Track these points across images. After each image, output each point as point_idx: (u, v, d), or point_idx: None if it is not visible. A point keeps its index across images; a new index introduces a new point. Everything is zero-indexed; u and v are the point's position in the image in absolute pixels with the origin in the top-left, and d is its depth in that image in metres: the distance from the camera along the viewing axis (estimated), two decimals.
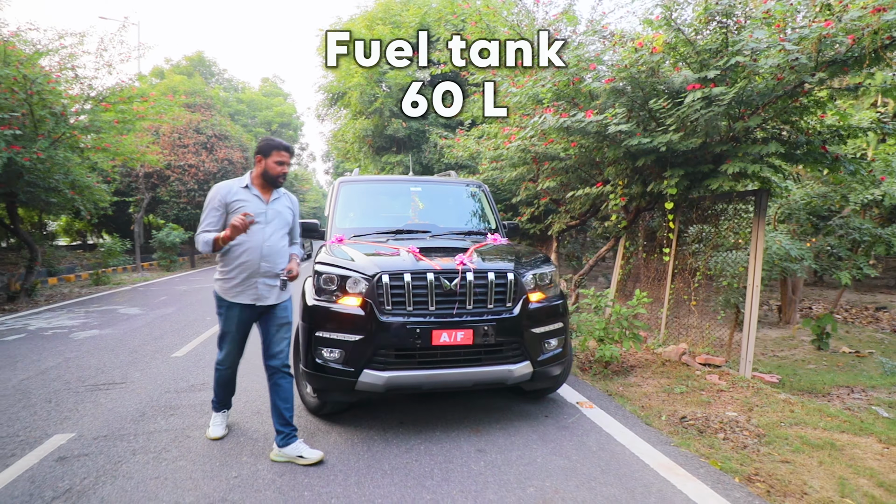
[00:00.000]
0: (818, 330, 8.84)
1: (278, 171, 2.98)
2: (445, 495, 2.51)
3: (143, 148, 12.32)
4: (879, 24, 3.26)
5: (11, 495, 2.53)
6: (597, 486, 2.62)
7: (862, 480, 2.90)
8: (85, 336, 6.41)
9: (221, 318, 3.04)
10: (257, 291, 2.95)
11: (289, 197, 3.19)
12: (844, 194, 9.54)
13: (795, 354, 8.96)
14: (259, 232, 2.92)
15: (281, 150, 2.97)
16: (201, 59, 27.69)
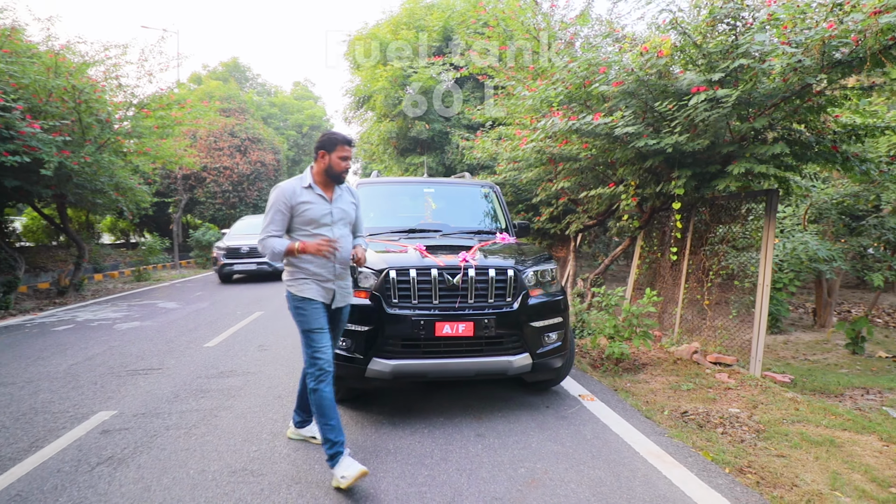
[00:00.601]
0: (852, 334, 8.61)
1: (343, 166, 2.84)
2: (442, 472, 2.73)
3: (180, 151, 12.99)
4: (878, 27, 3.30)
5: (63, 460, 2.89)
6: (585, 469, 2.79)
7: (855, 475, 2.96)
8: (127, 327, 6.91)
9: (304, 318, 2.80)
10: (332, 295, 2.87)
11: (350, 191, 3.04)
12: (878, 193, 9.26)
13: (828, 358, 8.77)
14: (328, 233, 2.82)
15: (345, 144, 2.83)
16: (236, 64, 28.75)
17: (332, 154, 2.82)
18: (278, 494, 2.52)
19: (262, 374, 4.63)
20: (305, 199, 2.79)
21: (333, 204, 2.88)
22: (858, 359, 8.22)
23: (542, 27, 7.14)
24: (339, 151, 2.81)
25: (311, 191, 2.83)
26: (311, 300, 2.79)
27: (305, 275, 2.80)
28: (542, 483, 2.64)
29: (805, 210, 10.29)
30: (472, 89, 12.42)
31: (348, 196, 3.00)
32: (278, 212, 2.77)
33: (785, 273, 7.80)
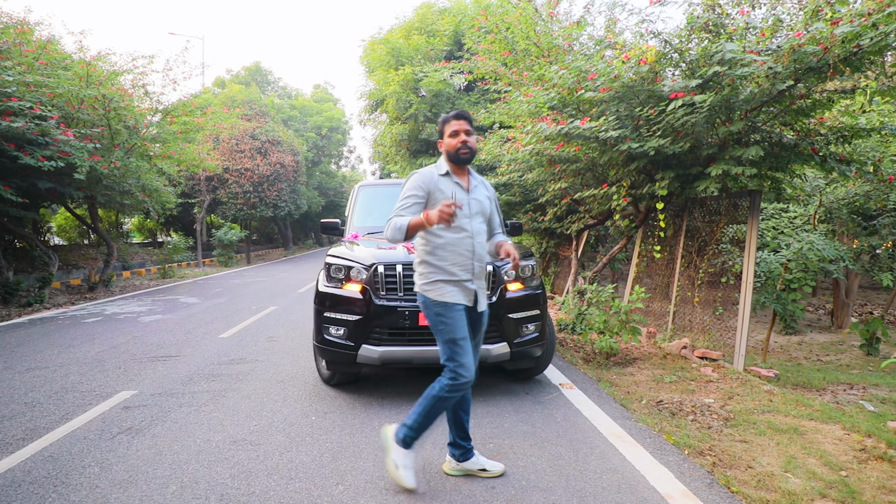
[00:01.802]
0: (867, 335, 8.62)
1: (455, 144, 2.49)
2: (417, 445, 3.04)
3: (203, 155, 13.61)
4: (837, 38, 3.48)
5: (89, 429, 3.30)
6: (548, 446, 3.06)
7: (811, 460, 3.15)
8: (150, 320, 7.41)
9: (447, 326, 2.48)
10: (474, 296, 2.58)
11: (485, 184, 2.75)
12: (888, 193, 9.22)
13: (842, 359, 8.80)
14: (467, 226, 2.51)
15: (450, 120, 2.52)
16: (258, 68, 29.60)
17: (443, 137, 2.55)
18: (271, 459, 2.86)
19: (269, 361, 5.01)
20: (443, 187, 2.50)
21: (470, 194, 2.57)
22: (872, 360, 8.23)
23: (541, 32, 7.38)
24: (447, 130, 2.52)
25: (449, 178, 2.54)
26: (454, 304, 2.47)
27: (442, 276, 2.49)
28: (506, 456, 2.92)
29: (814, 210, 10.27)
30: (482, 92, 12.69)
31: (483, 189, 2.69)
32: (413, 196, 2.49)
33: (794, 273, 7.88)
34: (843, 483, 2.75)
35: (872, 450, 3.19)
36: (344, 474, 2.69)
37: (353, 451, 2.97)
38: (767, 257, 7.74)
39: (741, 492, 2.65)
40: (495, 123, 9.07)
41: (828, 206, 9.73)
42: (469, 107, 12.64)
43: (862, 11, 3.79)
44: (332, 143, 32.90)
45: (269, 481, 2.61)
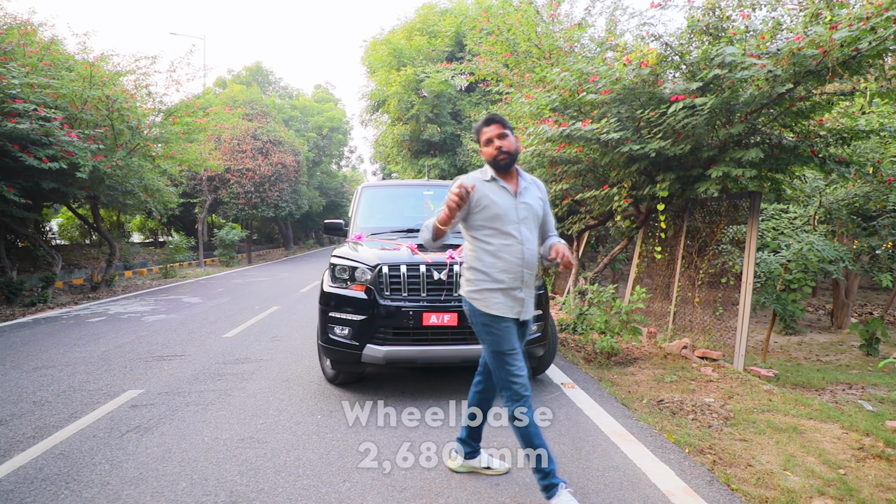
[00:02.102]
0: (866, 335, 8.67)
1: (492, 152, 2.41)
2: (420, 443, 3.09)
3: (205, 155, 13.65)
4: (836, 42, 3.53)
5: (97, 428, 3.35)
6: (551, 445, 3.06)
7: (810, 458, 3.20)
8: (154, 319, 7.46)
9: (494, 338, 2.40)
10: (522, 305, 2.45)
11: (537, 185, 2.61)
12: (887, 194, 9.27)
13: (841, 359, 8.85)
14: (515, 232, 2.39)
15: (482, 127, 2.46)
16: (259, 68, 29.64)
17: (481, 145, 2.46)
18: (278, 457, 2.91)
19: (273, 361, 5.06)
20: (487, 192, 2.40)
21: (519, 198, 2.45)
22: (872, 360, 8.27)
23: (543, 34, 7.43)
24: (481, 138, 2.45)
25: (495, 183, 2.43)
26: (502, 318, 2.39)
27: (489, 283, 2.39)
28: (510, 454, 2.97)
29: (814, 210, 10.32)
30: (484, 93, 12.73)
31: (535, 190, 2.56)
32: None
33: (794, 274, 7.92)
34: (842, 481, 2.80)
35: (870, 448, 3.24)
36: (351, 472, 2.74)
37: (358, 450, 3.01)
38: (767, 258, 7.78)
39: (741, 489, 2.69)
40: None
41: (827, 207, 9.77)
42: (470, 108, 12.70)
43: (860, 15, 3.84)
44: (333, 144, 32.95)
45: (277, 478, 2.66)
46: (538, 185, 2.62)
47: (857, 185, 9.25)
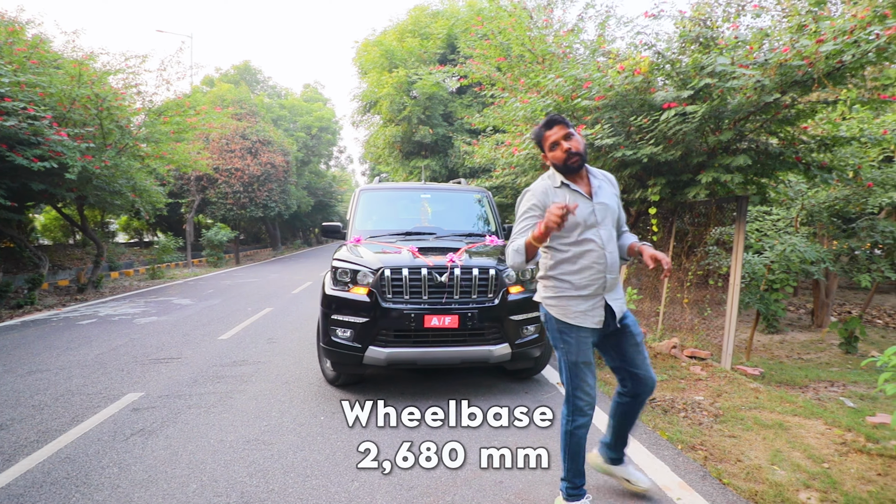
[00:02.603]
0: (845, 334, 8.95)
1: (559, 155, 2.27)
2: (421, 443, 3.16)
3: (195, 155, 13.54)
4: (822, 54, 3.68)
5: (101, 431, 3.37)
6: (550, 443, 3.19)
7: (795, 453, 3.34)
8: (146, 321, 7.42)
9: (568, 347, 2.31)
10: (604, 314, 2.31)
11: (609, 180, 2.45)
12: (866, 197, 9.59)
13: (821, 357, 9.11)
14: (594, 236, 2.27)
15: (543, 131, 2.32)
16: (248, 67, 29.40)
17: (545, 151, 2.35)
18: (285, 458, 2.96)
19: (271, 363, 5.09)
20: (560, 199, 2.28)
21: (595, 199, 2.32)
22: (851, 358, 8.54)
23: (535, 38, 7.54)
24: (545, 143, 2.32)
25: (566, 189, 2.32)
26: (580, 328, 2.29)
27: (570, 290, 2.29)
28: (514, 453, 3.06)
29: (797, 213, 10.60)
30: (475, 95, 12.83)
31: (609, 187, 2.41)
32: (529, 216, 2.29)
33: (777, 274, 8.15)
34: (826, 475, 2.94)
35: (852, 443, 3.39)
36: (358, 472, 2.81)
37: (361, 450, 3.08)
38: (751, 259, 7.99)
39: (732, 483, 2.81)
40: (489, 127, 9.23)
41: (809, 210, 10.05)
42: (462, 109, 12.78)
43: (844, 28, 4.00)
44: (322, 143, 32.79)
45: (287, 479, 2.72)
46: (610, 180, 2.45)
47: (838, 189, 9.52)
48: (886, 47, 3.70)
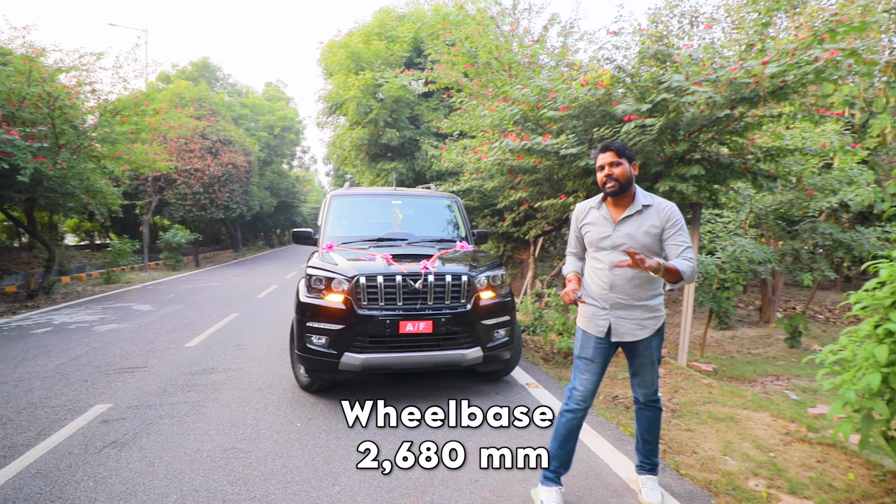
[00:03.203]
0: (790, 329, 9.57)
1: (601, 178, 2.52)
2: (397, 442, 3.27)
3: (153, 156, 13.09)
4: (767, 75, 4.00)
5: (72, 444, 3.30)
6: (522, 442, 3.37)
7: (745, 444, 3.62)
8: (105, 329, 7.18)
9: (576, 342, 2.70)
10: (606, 327, 2.54)
11: (658, 212, 2.50)
12: (808, 201, 10.29)
13: (769, 352, 9.70)
14: (604, 258, 2.53)
15: (597, 154, 2.56)
16: (206, 64, 28.53)
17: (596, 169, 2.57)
18: (265, 465, 3.00)
19: (242, 370, 5.06)
20: (590, 220, 2.60)
21: (618, 226, 2.51)
22: (795, 352, 9.15)
23: (502, 47, 7.74)
24: (596, 164, 2.56)
25: (598, 211, 2.58)
26: (583, 329, 2.65)
27: (585, 296, 2.61)
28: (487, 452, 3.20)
29: (745, 216, 11.24)
30: (441, 98, 12.96)
31: (648, 219, 2.50)
32: (572, 232, 2.75)
33: (728, 274, 8.62)
34: (772, 463, 3.21)
35: (795, 433, 3.70)
36: (338, 475, 2.88)
37: (342, 454, 3.16)
38: (704, 259, 8.45)
39: (688, 474, 3.04)
40: (457, 132, 9.38)
41: (757, 213, 10.69)
42: (428, 113, 12.88)
43: (787, 50, 4.35)
44: (285, 143, 32.18)
45: (268, 486, 2.76)
46: (658, 213, 2.50)
47: (782, 193, 10.16)
48: (824, 69, 4.05)
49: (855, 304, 2.79)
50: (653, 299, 2.55)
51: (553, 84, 5.52)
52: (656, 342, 2.60)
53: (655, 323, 2.56)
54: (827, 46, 4.22)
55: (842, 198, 10.24)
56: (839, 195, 10.08)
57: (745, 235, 10.45)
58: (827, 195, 10.14)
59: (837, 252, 10.88)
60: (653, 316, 2.55)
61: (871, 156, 12.95)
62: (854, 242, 10.10)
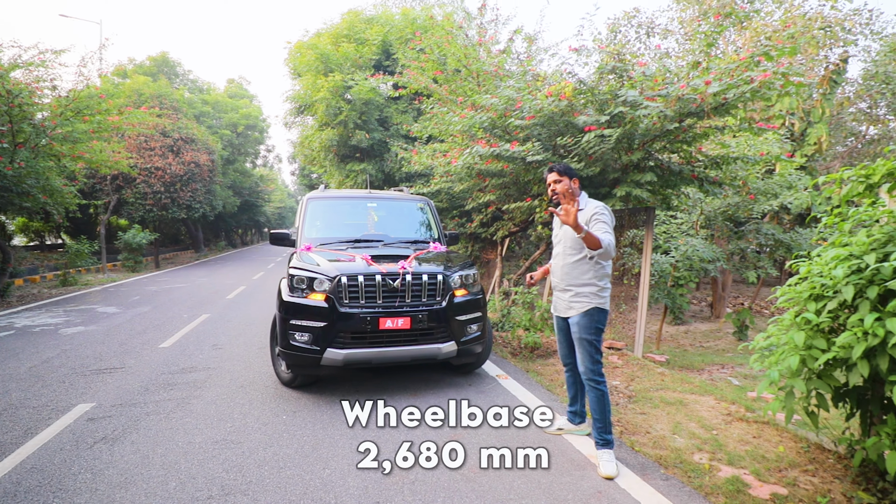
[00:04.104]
0: (738, 323, 10.31)
1: (549, 193, 3.32)
2: (384, 433, 3.52)
3: (115, 155, 12.75)
4: (709, 93, 4.47)
5: (61, 441, 3.40)
6: (497, 429, 3.68)
7: (692, 424, 4.04)
8: (73, 332, 7.09)
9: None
10: (554, 302, 3.44)
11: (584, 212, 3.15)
12: (753, 205, 11.10)
13: (719, 345, 10.40)
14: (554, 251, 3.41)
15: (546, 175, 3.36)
16: (166, 59, 27.66)
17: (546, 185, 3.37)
18: (256, 454, 3.20)
19: (222, 369, 5.18)
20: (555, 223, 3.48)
21: (563, 226, 3.30)
22: (742, 344, 9.84)
23: (471, 55, 8.06)
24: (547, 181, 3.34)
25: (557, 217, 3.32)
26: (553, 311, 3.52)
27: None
28: (460, 436, 3.50)
29: (696, 217, 11.99)
30: (409, 101, 13.20)
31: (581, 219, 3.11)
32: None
33: (681, 272, 9.24)
34: (714, 439, 3.64)
35: (735, 414, 4.16)
36: (328, 460, 3.12)
37: (329, 442, 3.39)
38: (659, 259, 9.03)
39: (642, 451, 3.43)
40: (426, 136, 9.65)
41: (707, 215, 11.44)
42: (397, 115, 13.09)
43: (728, 70, 4.84)
44: (249, 142, 31.61)
45: (262, 471, 2.97)
46: (586, 213, 3.14)
47: (727, 197, 10.93)
48: (759, 89, 4.54)
49: (781, 297, 3.22)
50: (582, 287, 3.19)
51: (520, 94, 5.88)
52: (583, 323, 3.19)
53: (581, 307, 3.19)
54: (764, 67, 4.73)
55: (783, 201, 11.12)
56: (780, 199, 10.94)
57: (696, 236, 11.18)
58: (769, 199, 10.99)
59: (779, 251, 11.79)
60: (579, 301, 3.19)
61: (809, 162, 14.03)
62: (794, 242, 10.99)
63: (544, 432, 3.65)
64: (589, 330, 3.18)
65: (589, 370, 3.21)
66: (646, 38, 16.33)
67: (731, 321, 10.71)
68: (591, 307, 3.16)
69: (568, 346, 3.46)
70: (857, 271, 2.70)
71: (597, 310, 3.18)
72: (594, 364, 3.19)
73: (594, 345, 3.19)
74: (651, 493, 2.81)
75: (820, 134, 13.41)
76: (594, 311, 3.17)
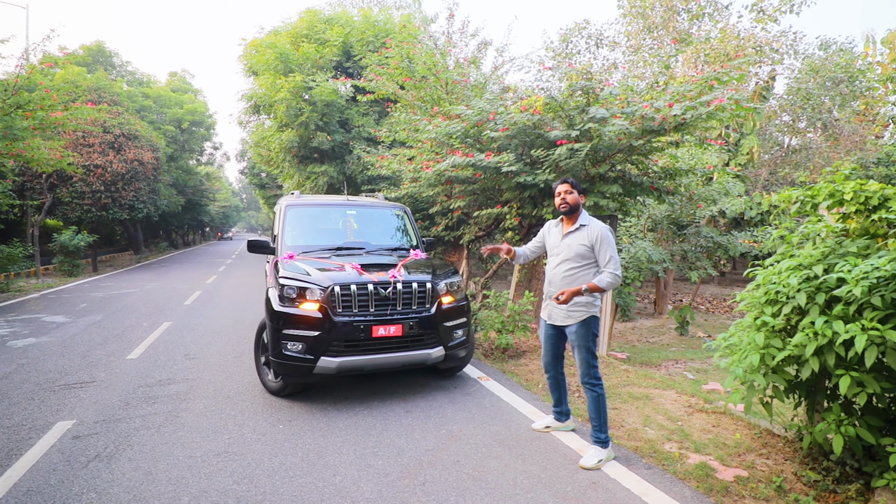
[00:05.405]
0: (680, 319, 11.10)
1: (558, 203, 3.49)
2: (385, 438, 3.67)
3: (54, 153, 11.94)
4: (671, 113, 4.90)
5: (52, 461, 3.30)
6: (487, 426, 3.91)
7: (659, 416, 4.43)
8: (24, 344, 6.68)
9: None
10: (547, 310, 3.61)
11: (589, 230, 3.42)
12: (695, 210, 11.99)
13: (663, 339, 11.12)
14: (550, 261, 3.59)
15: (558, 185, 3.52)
16: (102, 49, 25.93)
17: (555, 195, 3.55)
18: (263, 465, 3.26)
19: (202, 379, 5.10)
20: (552, 232, 3.63)
21: (563, 240, 3.50)
22: (684, 339, 10.63)
23: (439, 64, 8.26)
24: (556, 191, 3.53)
25: (556, 227, 3.62)
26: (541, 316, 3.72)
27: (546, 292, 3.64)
28: (459, 437, 3.70)
29: (644, 222, 12.78)
30: (371, 103, 13.22)
31: (583, 237, 3.41)
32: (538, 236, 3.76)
33: (630, 272, 9.83)
34: (680, 430, 4.03)
35: (695, 406, 4.59)
36: (336, 467, 3.22)
37: (334, 449, 3.49)
38: None
39: (620, 443, 3.76)
40: (395, 141, 9.76)
41: (653, 219, 12.23)
42: (359, 117, 13.08)
43: (685, 92, 5.32)
44: (195, 139, 30.26)
45: (273, 481, 3.04)
46: (589, 234, 3.41)
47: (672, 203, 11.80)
48: (714, 113, 5.03)
49: (741, 302, 3.64)
50: (581, 297, 3.38)
51: (493, 106, 6.15)
52: (581, 332, 3.42)
53: (580, 316, 3.42)
54: (716, 92, 5.24)
55: (721, 206, 12.07)
56: (718, 204, 11.87)
57: (643, 238, 11.95)
58: (709, 204, 11.91)
59: (717, 252, 12.79)
60: (577, 311, 3.41)
61: (743, 171, 15.25)
62: (729, 244, 11.96)
63: (533, 430, 3.90)
64: (587, 337, 3.43)
65: (586, 374, 3.44)
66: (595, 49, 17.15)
67: (673, 317, 11.53)
68: (588, 316, 3.41)
69: (553, 354, 3.71)
70: (807, 280, 3.13)
71: (592, 318, 3.45)
72: (591, 368, 3.46)
73: (591, 350, 3.46)
74: (638, 481, 3.13)
75: (752, 145, 14.63)
76: (590, 319, 3.44)
